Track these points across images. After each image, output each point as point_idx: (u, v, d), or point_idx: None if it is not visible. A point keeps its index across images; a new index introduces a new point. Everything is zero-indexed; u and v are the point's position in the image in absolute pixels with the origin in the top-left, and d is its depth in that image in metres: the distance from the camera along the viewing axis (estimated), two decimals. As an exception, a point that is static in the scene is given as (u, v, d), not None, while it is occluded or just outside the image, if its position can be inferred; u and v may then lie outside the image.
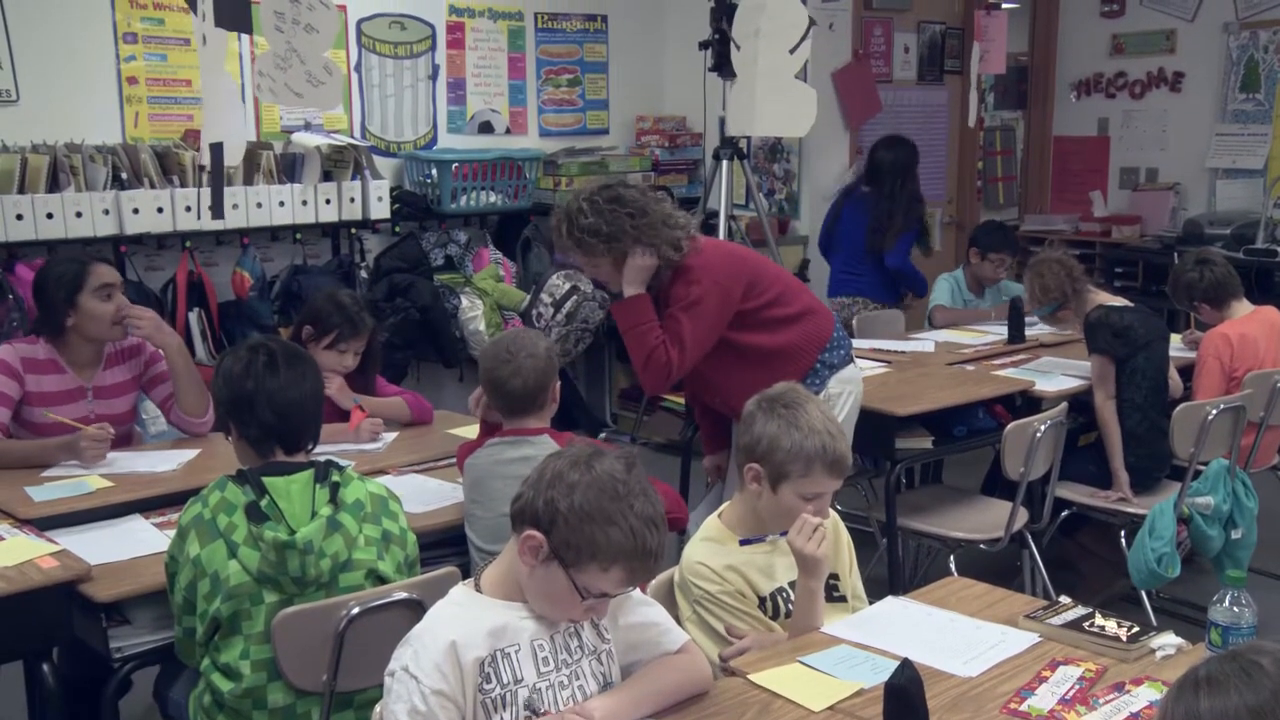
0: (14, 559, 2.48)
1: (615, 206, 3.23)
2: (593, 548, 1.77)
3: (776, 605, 2.34)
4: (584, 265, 3.38)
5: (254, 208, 4.94)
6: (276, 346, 2.43)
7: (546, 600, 1.85)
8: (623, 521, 1.77)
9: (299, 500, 2.28)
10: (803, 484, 2.27)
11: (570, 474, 1.80)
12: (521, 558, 1.83)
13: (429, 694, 1.75)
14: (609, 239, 3.22)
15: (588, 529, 1.77)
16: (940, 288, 5.40)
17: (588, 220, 3.23)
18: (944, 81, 7.18)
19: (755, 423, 2.32)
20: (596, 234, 3.22)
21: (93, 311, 3.29)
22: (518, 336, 2.82)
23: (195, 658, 2.33)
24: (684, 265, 3.28)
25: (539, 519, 1.80)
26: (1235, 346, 4.15)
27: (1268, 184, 6.61)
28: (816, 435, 2.26)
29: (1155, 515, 3.73)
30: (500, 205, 5.87)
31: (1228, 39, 6.74)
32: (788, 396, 2.34)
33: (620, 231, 3.21)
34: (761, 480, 2.30)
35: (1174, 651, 2.13)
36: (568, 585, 1.80)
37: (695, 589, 2.31)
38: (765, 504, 2.32)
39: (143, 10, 4.96)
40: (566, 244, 3.32)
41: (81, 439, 3.11)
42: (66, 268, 3.33)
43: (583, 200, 3.27)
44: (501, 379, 2.75)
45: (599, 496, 1.78)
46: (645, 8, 6.67)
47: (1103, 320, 3.99)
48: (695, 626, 2.30)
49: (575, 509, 1.77)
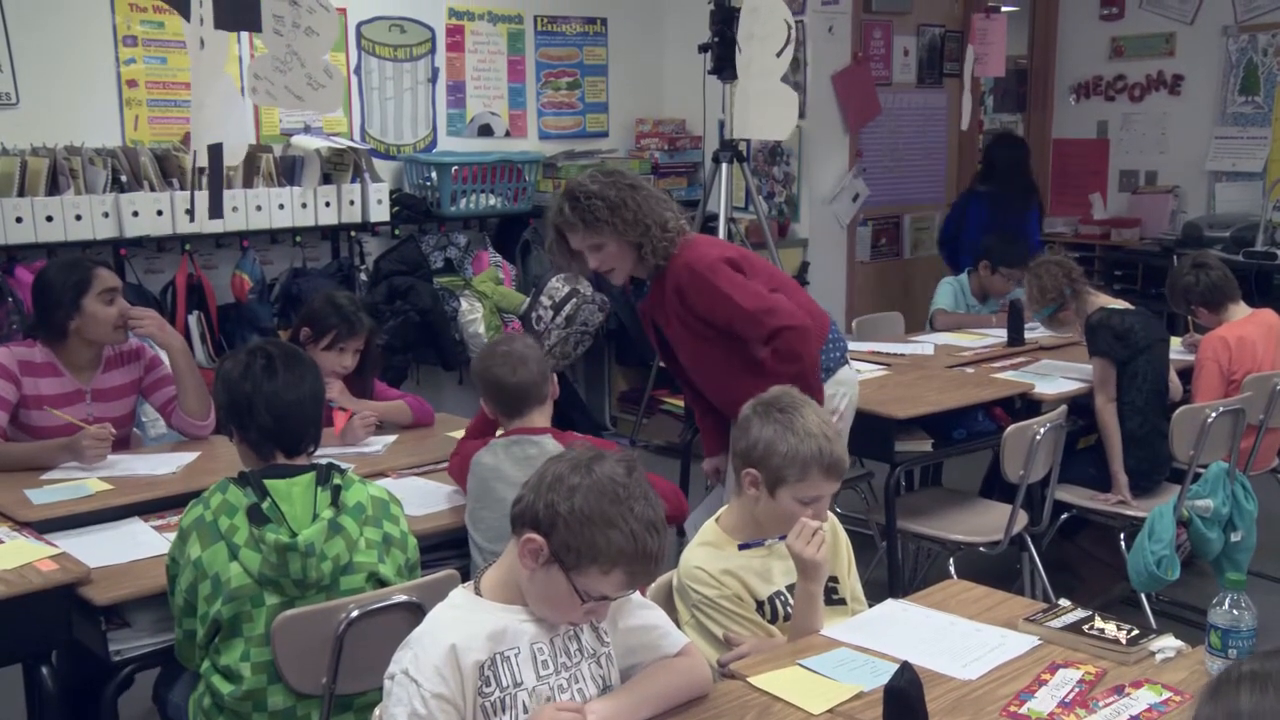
0: (13, 562, 2.48)
1: (615, 178, 3.22)
2: (593, 551, 1.77)
3: (775, 609, 2.34)
4: (588, 252, 3.27)
5: (253, 210, 4.94)
6: (275, 349, 2.43)
7: (546, 603, 1.85)
8: (623, 525, 1.77)
9: (300, 503, 2.29)
10: (800, 488, 2.27)
11: (571, 477, 1.80)
12: (521, 560, 1.82)
13: (429, 697, 1.75)
14: (614, 207, 3.17)
15: (588, 532, 1.77)
16: (943, 291, 5.40)
17: (593, 187, 3.19)
18: (943, 84, 7.19)
19: (751, 427, 2.32)
20: (604, 199, 3.16)
21: (97, 315, 3.29)
22: (507, 338, 2.86)
23: (195, 660, 2.33)
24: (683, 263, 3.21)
25: (539, 522, 1.80)
26: (1233, 349, 4.16)
27: (1267, 187, 6.61)
28: (813, 439, 2.26)
29: (1155, 518, 3.73)
30: (500, 208, 5.88)
31: (1227, 42, 6.74)
32: (783, 400, 2.34)
33: (623, 201, 3.16)
34: (759, 485, 2.30)
35: (1173, 654, 2.12)
36: (568, 588, 1.80)
37: (693, 594, 2.31)
38: (763, 508, 2.32)
39: (142, 13, 4.97)
40: (572, 221, 3.22)
41: (83, 438, 3.11)
42: (70, 272, 3.32)
43: (582, 178, 3.25)
44: (500, 377, 2.76)
45: (599, 499, 1.78)
46: (645, 11, 6.67)
47: (1104, 322, 3.99)
48: (694, 631, 2.30)
49: (575, 512, 1.77)
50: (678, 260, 3.22)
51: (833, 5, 6.33)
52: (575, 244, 3.26)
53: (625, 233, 3.19)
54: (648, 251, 3.20)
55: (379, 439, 3.46)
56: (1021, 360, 4.59)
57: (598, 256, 3.25)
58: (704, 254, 3.22)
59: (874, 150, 6.91)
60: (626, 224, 3.18)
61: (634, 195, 3.19)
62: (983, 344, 4.84)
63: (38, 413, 3.28)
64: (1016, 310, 4.86)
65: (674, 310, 3.25)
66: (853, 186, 6.60)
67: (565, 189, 3.28)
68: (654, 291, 3.31)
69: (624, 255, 3.24)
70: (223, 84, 2.86)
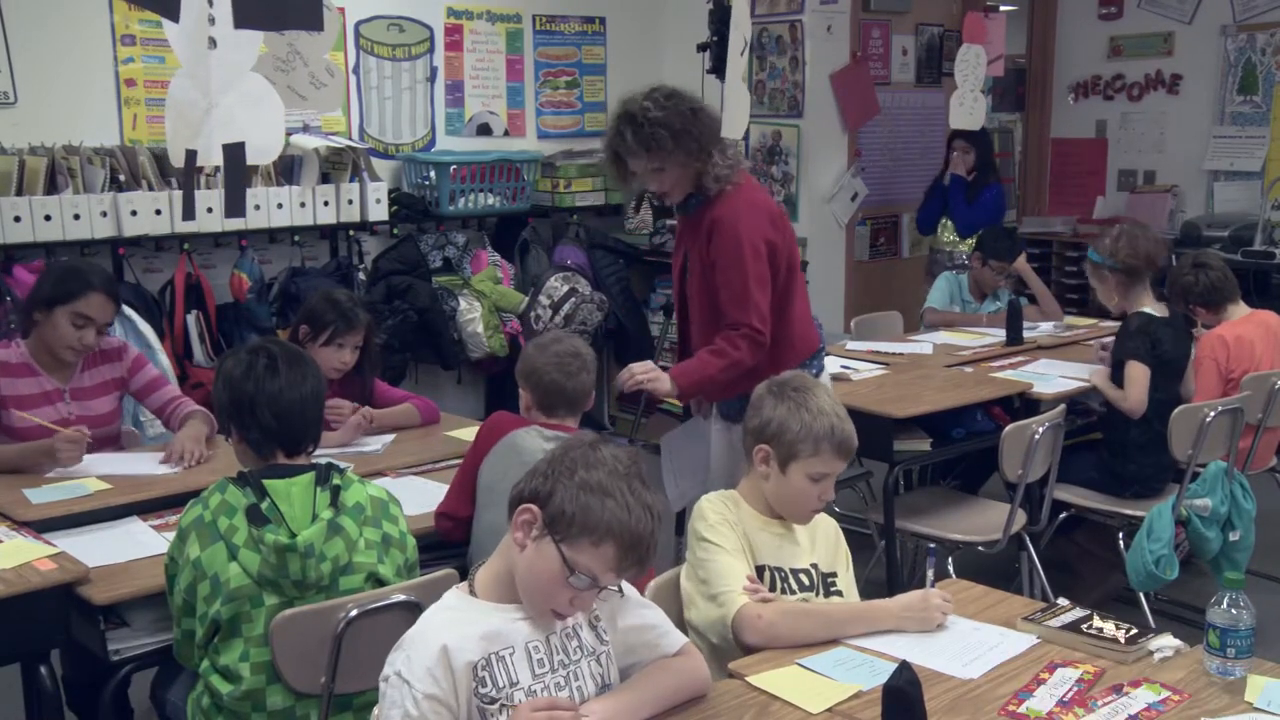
0: (12, 561, 2.48)
1: (676, 101, 3.21)
2: (586, 517, 1.77)
3: (773, 582, 2.35)
4: (647, 175, 3.27)
5: (252, 210, 4.93)
6: (277, 349, 2.43)
7: (534, 585, 1.83)
8: (620, 497, 1.78)
9: (300, 503, 2.29)
10: (812, 463, 2.32)
11: (574, 452, 1.83)
12: (514, 538, 1.83)
13: (421, 699, 1.75)
14: (678, 135, 3.17)
15: (584, 497, 1.78)
16: (938, 287, 5.40)
17: (657, 114, 3.18)
18: (942, 84, 7.18)
19: (765, 406, 2.38)
20: (667, 128, 3.17)
21: (58, 327, 3.26)
22: (574, 342, 2.89)
23: (194, 660, 2.33)
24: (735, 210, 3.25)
25: (537, 493, 1.82)
26: (1231, 348, 4.15)
27: (1265, 186, 6.61)
28: (825, 417, 2.33)
29: (1153, 517, 3.74)
30: (498, 207, 5.88)
31: (1225, 41, 6.74)
32: (796, 381, 2.41)
33: (687, 130, 3.16)
34: (770, 461, 2.35)
35: (1172, 653, 2.13)
36: (558, 561, 1.79)
37: (702, 520, 2.33)
38: (773, 485, 2.36)
39: (141, 13, 4.96)
40: (633, 147, 3.22)
41: (57, 442, 3.09)
42: (67, 278, 3.29)
43: (643, 100, 3.23)
44: (557, 382, 2.81)
45: (600, 471, 1.80)
46: (643, 10, 6.67)
47: (1143, 329, 3.97)
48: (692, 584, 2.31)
49: (575, 480, 1.79)
50: (735, 199, 3.27)
51: (831, 4, 6.32)
52: (634, 168, 3.29)
53: (687, 160, 3.22)
54: (709, 179, 3.25)
55: (378, 438, 3.46)
56: (1020, 359, 4.59)
57: (657, 180, 3.29)
58: (757, 223, 3.27)
59: (872, 150, 6.91)
60: (689, 153, 3.21)
61: (696, 122, 3.20)
62: (981, 343, 4.84)
63: (18, 414, 3.27)
64: (1015, 309, 4.86)
65: (705, 236, 3.29)
66: (851, 186, 6.59)
67: (624, 111, 3.26)
68: (699, 213, 3.32)
69: (684, 179, 3.28)
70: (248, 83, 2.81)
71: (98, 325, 3.31)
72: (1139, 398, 3.93)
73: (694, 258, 3.36)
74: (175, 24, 2.75)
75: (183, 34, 2.78)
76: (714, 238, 3.26)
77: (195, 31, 2.74)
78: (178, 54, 2.85)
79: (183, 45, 2.81)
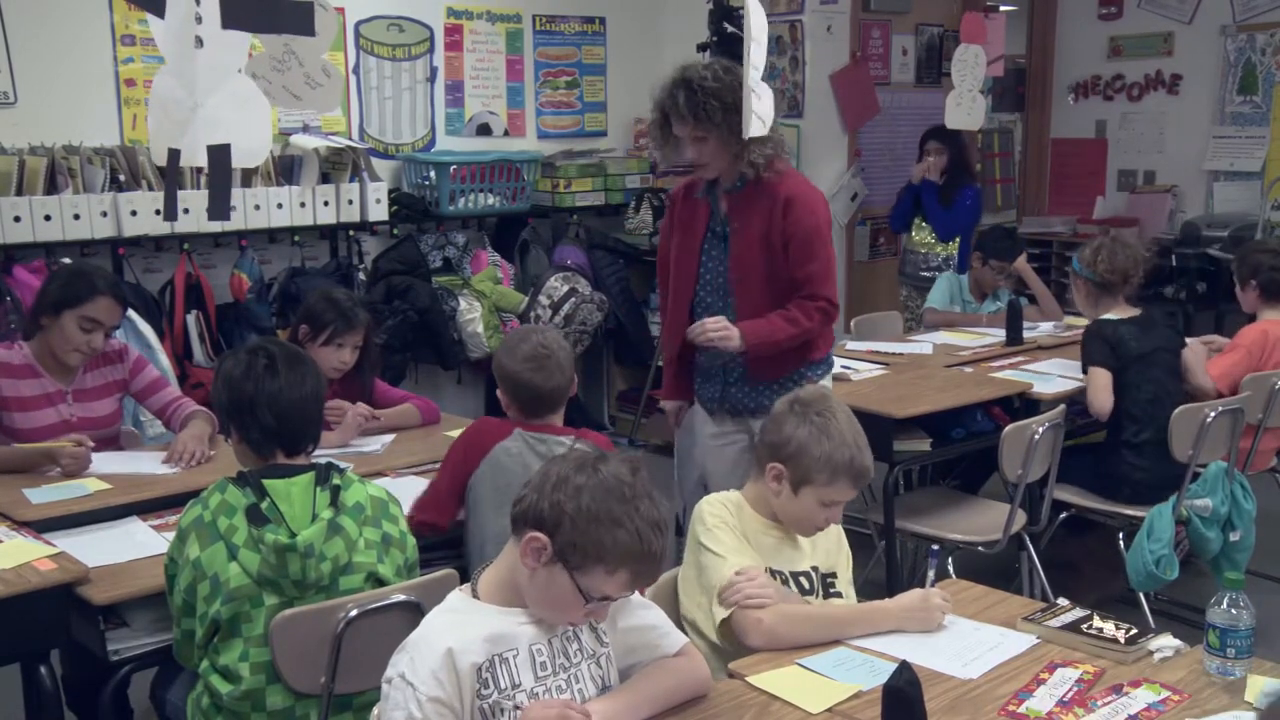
0: (12, 561, 2.48)
1: (734, 77, 3.21)
2: (599, 550, 1.77)
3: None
4: (689, 142, 3.28)
5: (252, 210, 4.94)
6: (276, 349, 2.43)
7: (547, 603, 1.85)
8: (629, 524, 1.77)
9: (299, 503, 2.29)
10: (826, 491, 2.31)
11: (576, 477, 1.80)
12: (523, 560, 1.82)
13: (425, 701, 1.75)
14: (729, 110, 3.18)
15: (594, 531, 1.76)
16: (939, 287, 5.40)
17: (714, 85, 3.20)
18: (942, 84, 7.17)
19: (786, 424, 2.34)
20: (720, 101, 3.18)
21: (65, 330, 3.26)
22: (542, 337, 2.83)
23: (194, 660, 2.33)
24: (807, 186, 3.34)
25: (543, 521, 1.79)
26: (1269, 345, 4.19)
27: (1265, 186, 6.62)
28: (846, 448, 2.30)
29: (1153, 517, 3.73)
30: (498, 207, 5.88)
31: (1225, 41, 6.74)
32: (820, 403, 2.36)
33: (739, 108, 3.15)
34: (783, 480, 2.33)
35: (1172, 653, 2.13)
36: (571, 588, 1.80)
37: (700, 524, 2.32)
38: (783, 503, 2.35)
39: (140, 13, 4.95)
40: (683, 112, 3.23)
41: (62, 456, 3.09)
42: (76, 281, 3.29)
43: (702, 69, 3.25)
44: (535, 383, 2.77)
45: (606, 498, 1.78)
46: (643, 10, 6.67)
47: (1096, 333, 3.98)
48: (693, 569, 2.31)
49: (582, 511, 1.77)
50: (800, 179, 3.36)
51: (831, 4, 6.33)
52: (678, 131, 3.29)
53: (730, 138, 3.22)
54: (745, 162, 3.26)
55: (377, 438, 3.46)
56: (1020, 359, 4.59)
57: (697, 148, 3.29)
58: (824, 204, 3.39)
59: (872, 150, 6.91)
60: (734, 132, 3.20)
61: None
62: (981, 343, 4.84)
63: (20, 415, 3.27)
64: (1015, 309, 4.86)
65: (771, 215, 3.29)
66: (851, 186, 6.60)
67: (682, 75, 3.27)
68: (753, 189, 3.32)
69: (722, 155, 3.28)
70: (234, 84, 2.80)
71: (106, 329, 3.31)
72: (1101, 401, 3.93)
73: (750, 233, 3.34)
74: (161, 20, 2.73)
75: (169, 31, 2.76)
76: (790, 213, 3.28)
77: (181, 29, 2.72)
78: (163, 51, 2.84)
79: (168, 42, 2.79)
